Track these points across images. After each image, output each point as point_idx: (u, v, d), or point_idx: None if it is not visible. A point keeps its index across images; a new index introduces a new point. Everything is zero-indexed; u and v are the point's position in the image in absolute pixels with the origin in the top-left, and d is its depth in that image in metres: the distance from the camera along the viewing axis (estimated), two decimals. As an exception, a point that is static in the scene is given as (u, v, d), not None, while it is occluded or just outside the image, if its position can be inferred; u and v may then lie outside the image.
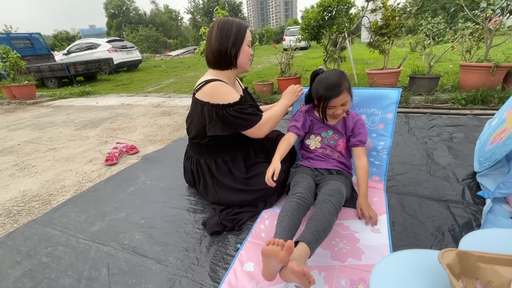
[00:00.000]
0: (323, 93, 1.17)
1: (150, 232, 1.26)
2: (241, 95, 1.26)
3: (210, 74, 1.27)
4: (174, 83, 6.85)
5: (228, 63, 1.23)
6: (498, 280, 0.54)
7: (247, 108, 1.23)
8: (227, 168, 1.35)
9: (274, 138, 1.54)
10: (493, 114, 2.49)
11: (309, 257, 0.85)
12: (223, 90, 1.20)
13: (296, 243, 0.85)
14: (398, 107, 2.90)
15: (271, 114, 1.29)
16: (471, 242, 0.70)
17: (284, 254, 0.74)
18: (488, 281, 0.56)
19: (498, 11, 2.98)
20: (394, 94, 1.38)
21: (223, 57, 1.21)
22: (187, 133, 1.41)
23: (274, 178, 1.10)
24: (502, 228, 1.06)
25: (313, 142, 1.34)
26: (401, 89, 1.42)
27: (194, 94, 1.28)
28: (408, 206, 1.30)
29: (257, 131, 1.26)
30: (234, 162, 1.36)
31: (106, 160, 2.16)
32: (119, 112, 4.11)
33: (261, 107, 1.52)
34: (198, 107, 1.25)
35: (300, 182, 1.17)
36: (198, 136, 1.33)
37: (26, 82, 5.83)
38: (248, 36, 1.23)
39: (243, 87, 1.48)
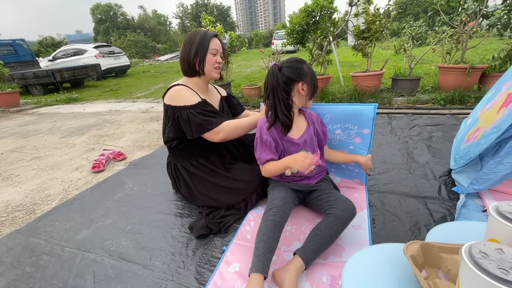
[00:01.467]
0: (316, 81, 1.10)
1: (136, 237, 1.27)
2: (203, 100, 1.30)
3: (181, 80, 1.37)
4: (163, 88, 6.83)
5: (193, 71, 1.31)
6: (456, 268, 0.59)
7: (200, 114, 1.23)
8: (205, 168, 1.39)
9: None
10: (470, 113, 2.61)
11: (303, 270, 0.93)
12: (181, 93, 1.27)
13: (295, 252, 0.95)
14: (382, 108, 3.03)
15: (233, 123, 1.27)
16: (437, 234, 0.75)
17: None
18: (448, 269, 0.61)
19: (472, 15, 3.14)
20: (370, 111, 1.28)
21: (187, 65, 1.30)
22: (163, 138, 1.44)
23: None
24: (471, 221, 1.13)
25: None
26: (377, 103, 1.36)
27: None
28: (388, 203, 1.35)
29: (212, 136, 1.26)
30: (210, 163, 1.40)
31: (93, 167, 2.14)
32: (107, 118, 4.07)
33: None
34: (164, 110, 1.33)
35: (276, 193, 1.12)
36: (169, 140, 1.38)
37: (10, 89, 5.69)
38: (214, 45, 1.28)
39: (222, 95, 1.53)
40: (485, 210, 1.20)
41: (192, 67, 1.29)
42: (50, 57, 10.25)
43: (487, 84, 2.98)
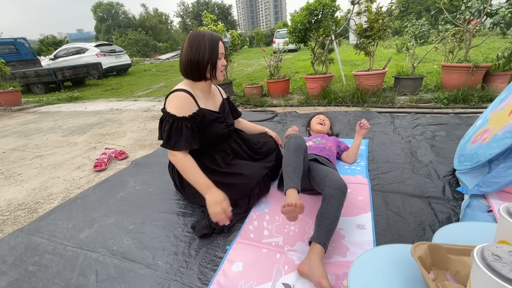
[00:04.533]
0: None
1: (139, 237, 1.26)
2: (194, 113, 1.23)
3: (184, 84, 1.29)
4: (165, 87, 6.82)
5: (201, 76, 1.25)
6: (465, 270, 0.58)
7: (171, 128, 1.18)
8: (207, 168, 1.33)
9: (261, 143, 1.57)
10: (474, 113, 2.59)
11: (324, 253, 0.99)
12: (178, 102, 1.20)
13: (311, 240, 1.01)
14: (385, 107, 3.02)
15: (186, 165, 1.21)
16: (443, 235, 0.74)
17: (299, 211, 0.99)
18: (456, 271, 0.60)
19: (476, 13, 3.11)
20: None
21: (195, 70, 1.22)
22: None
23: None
24: (478, 221, 1.11)
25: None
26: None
27: None
28: (392, 203, 1.34)
29: (170, 153, 1.23)
30: (213, 163, 1.37)
31: (95, 166, 2.14)
32: (108, 117, 4.07)
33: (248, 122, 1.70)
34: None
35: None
36: None
37: (11, 88, 5.70)
38: (221, 49, 1.24)
39: (224, 96, 1.50)
40: (490, 211, 1.18)
41: (201, 72, 1.22)
42: (52, 56, 10.26)
43: (491, 83, 2.96)
